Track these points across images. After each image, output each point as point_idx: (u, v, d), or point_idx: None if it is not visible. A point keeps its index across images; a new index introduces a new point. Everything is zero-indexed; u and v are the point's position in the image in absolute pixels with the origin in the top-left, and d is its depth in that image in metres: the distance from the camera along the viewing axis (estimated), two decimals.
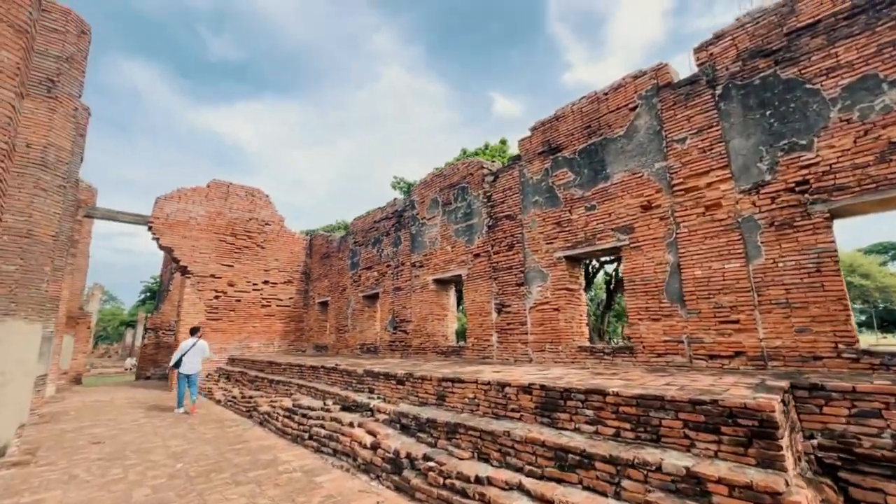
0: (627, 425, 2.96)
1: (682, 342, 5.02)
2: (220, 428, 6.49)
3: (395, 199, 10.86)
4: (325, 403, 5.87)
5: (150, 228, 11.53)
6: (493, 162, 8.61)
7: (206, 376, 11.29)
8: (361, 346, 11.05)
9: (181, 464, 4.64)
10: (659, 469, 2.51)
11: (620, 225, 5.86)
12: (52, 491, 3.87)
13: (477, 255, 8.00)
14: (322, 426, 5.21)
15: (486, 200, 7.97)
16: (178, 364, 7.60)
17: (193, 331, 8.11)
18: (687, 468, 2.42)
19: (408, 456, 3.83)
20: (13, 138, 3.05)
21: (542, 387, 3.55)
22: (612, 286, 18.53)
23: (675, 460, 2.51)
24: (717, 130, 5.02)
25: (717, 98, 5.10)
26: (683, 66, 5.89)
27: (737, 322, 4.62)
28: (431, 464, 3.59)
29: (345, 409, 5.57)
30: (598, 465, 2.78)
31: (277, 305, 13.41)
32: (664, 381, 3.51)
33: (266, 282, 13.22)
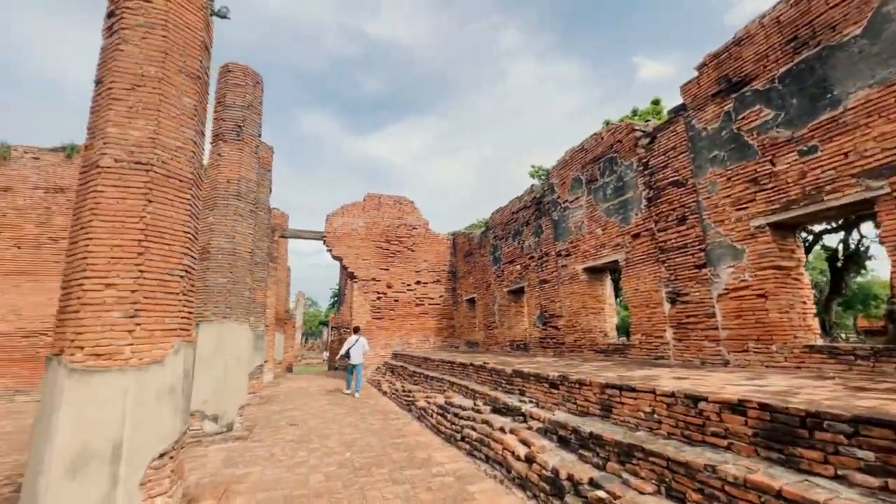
0: None
1: None
2: (384, 419, 6.93)
3: (531, 185, 10.15)
4: (475, 403, 5.62)
5: (324, 242, 13.55)
6: (646, 122, 7.12)
7: (376, 369, 12.61)
8: (511, 343, 10.66)
9: (350, 453, 4.99)
10: None
11: (869, 167, 3.94)
12: (256, 466, 4.55)
13: (636, 236, 6.70)
14: (473, 428, 4.95)
15: (641, 169, 6.60)
16: (346, 357, 9.01)
17: (356, 330, 9.69)
18: None
19: (569, 478, 3.18)
20: (198, 170, 3.57)
21: (764, 406, 2.44)
22: (839, 263, 13.79)
23: None
24: None
25: None
26: None
27: None
28: (602, 493, 2.86)
29: (495, 410, 5.20)
30: None
31: (429, 304, 14.15)
32: None
33: (418, 282, 14.09)
